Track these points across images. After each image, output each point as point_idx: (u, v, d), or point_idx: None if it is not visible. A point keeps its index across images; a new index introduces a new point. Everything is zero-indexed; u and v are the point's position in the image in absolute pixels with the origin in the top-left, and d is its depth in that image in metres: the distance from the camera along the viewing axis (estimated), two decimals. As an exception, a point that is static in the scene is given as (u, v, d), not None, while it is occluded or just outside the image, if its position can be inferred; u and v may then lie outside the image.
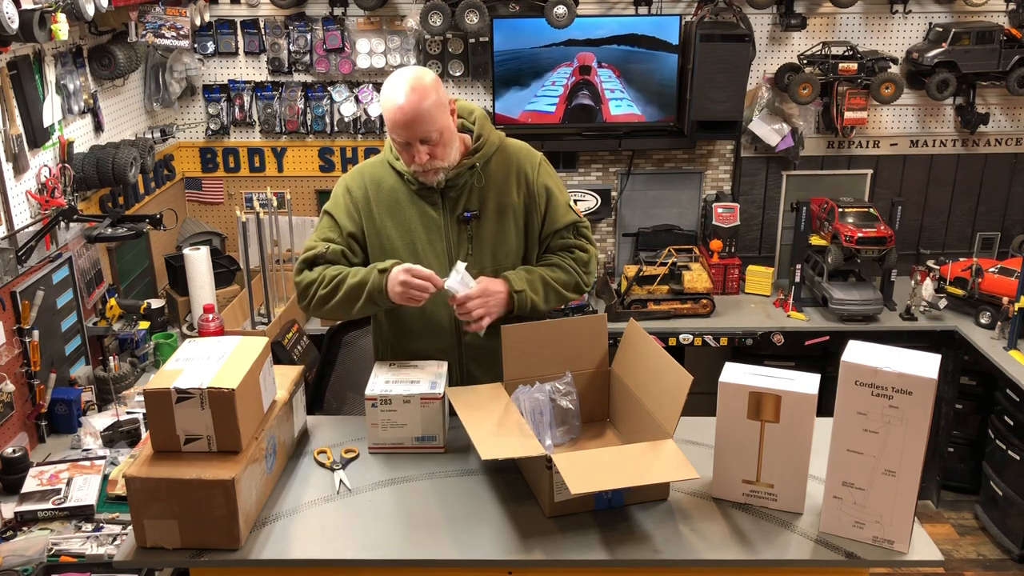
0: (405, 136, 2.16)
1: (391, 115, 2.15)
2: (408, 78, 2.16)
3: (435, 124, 2.16)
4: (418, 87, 2.14)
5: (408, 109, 2.12)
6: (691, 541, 1.80)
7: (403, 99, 2.12)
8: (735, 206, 4.22)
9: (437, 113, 2.16)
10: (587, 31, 3.98)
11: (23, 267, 2.82)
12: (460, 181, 2.29)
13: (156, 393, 1.77)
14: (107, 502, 2.50)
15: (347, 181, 2.38)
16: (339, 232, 2.33)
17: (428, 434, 2.10)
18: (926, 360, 1.69)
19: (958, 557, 3.78)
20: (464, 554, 1.79)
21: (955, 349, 3.87)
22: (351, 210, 2.34)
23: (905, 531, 1.75)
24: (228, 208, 4.32)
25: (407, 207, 2.32)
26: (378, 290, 2.20)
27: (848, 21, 4.14)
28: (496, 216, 2.32)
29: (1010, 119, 4.29)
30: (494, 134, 2.36)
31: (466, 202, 2.30)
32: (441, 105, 2.17)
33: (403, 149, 2.21)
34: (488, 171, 2.32)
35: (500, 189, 2.32)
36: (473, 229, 2.30)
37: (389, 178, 2.34)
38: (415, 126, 2.14)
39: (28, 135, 2.91)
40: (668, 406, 1.93)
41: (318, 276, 2.28)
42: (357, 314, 2.29)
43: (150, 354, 3.34)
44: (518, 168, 2.35)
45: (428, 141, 2.17)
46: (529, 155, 2.39)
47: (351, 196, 2.34)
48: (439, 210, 2.31)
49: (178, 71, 3.94)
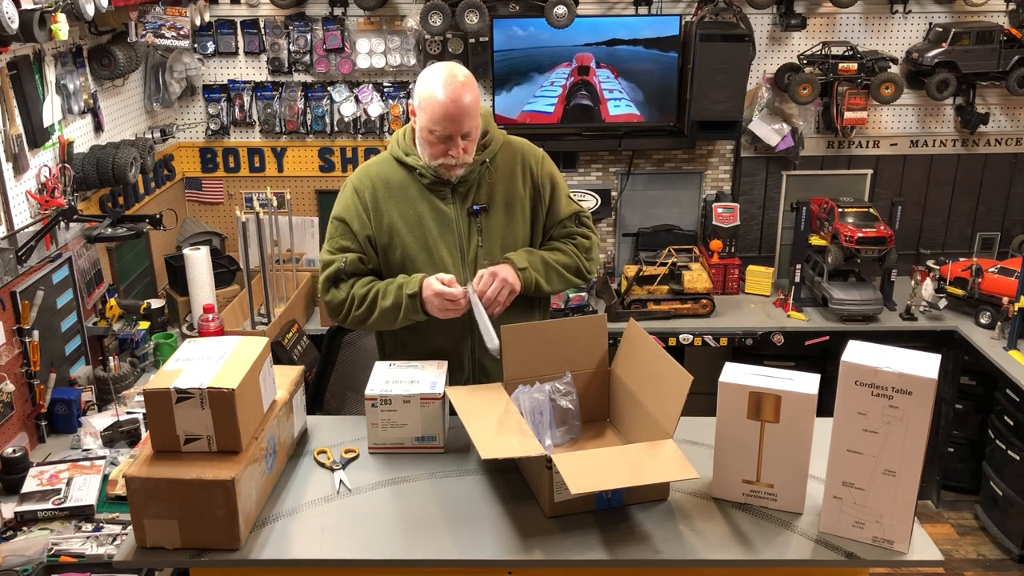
0: (451, 129, 2.20)
1: (442, 108, 2.18)
2: (458, 73, 2.21)
3: (476, 119, 2.24)
4: (468, 83, 2.21)
5: (463, 101, 2.18)
6: (691, 541, 1.80)
7: (458, 91, 2.18)
8: (735, 206, 4.22)
9: (478, 109, 2.25)
10: (587, 31, 3.98)
11: (23, 267, 2.82)
12: (470, 176, 2.33)
13: (156, 393, 1.77)
14: (107, 502, 2.50)
15: (353, 182, 2.39)
16: (352, 238, 2.35)
17: (428, 434, 2.10)
18: (926, 360, 1.69)
19: (958, 557, 3.78)
20: (464, 554, 1.79)
21: (955, 349, 3.87)
22: (361, 212, 2.35)
23: (905, 531, 1.75)
24: (228, 208, 4.32)
25: (418, 202, 2.34)
26: (415, 312, 2.26)
27: (848, 21, 4.14)
28: (504, 209, 2.36)
29: (1010, 119, 4.29)
30: (498, 131, 2.41)
31: (475, 196, 2.35)
32: (479, 101, 2.25)
33: (439, 142, 2.24)
34: (495, 165, 2.36)
35: (507, 183, 2.37)
36: (482, 222, 2.35)
37: (397, 174, 2.36)
38: (463, 120, 2.19)
39: (28, 135, 2.91)
40: (668, 406, 1.93)
41: (347, 296, 2.32)
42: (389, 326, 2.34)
43: (150, 354, 3.34)
44: (523, 161, 2.41)
45: (468, 136, 2.23)
46: (532, 149, 2.46)
47: (359, 197, 2.36)
48: (450, 204, 2.34)
49: (178, 71, 3.94)
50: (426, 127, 2.23)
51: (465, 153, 2.25)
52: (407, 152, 2.34)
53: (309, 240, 4.34)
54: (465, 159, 2.26)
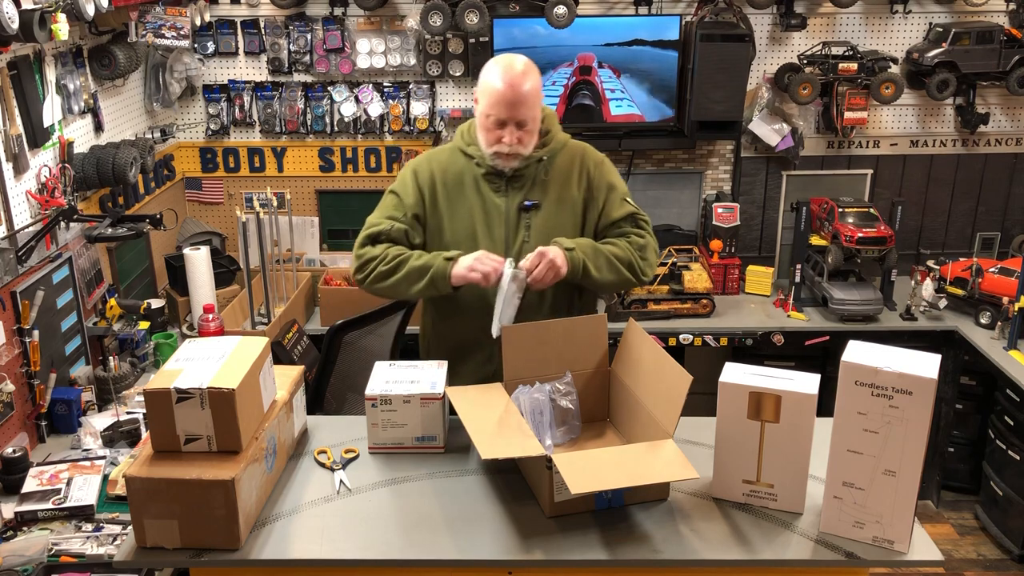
0: (506, 114, 2.22)
1: (499, 92, 2.21)
2: (520, 61, 2.25)
3: (533, 110, 2.25)
4: (529, 71, 2.24)
5: (519, 88, 2.20)
6: (691, 541, 1.80)
7: (515, 78, 2.21)
8: (735, 206, 4.22)
9: (536, 101, 2.26)
10: (587, 31, 3.98)
11: (23, 267, 2.82)
12: (526, 171, 2.35)
13: (156, 393, 1.77)
14: (107, 502, 2.50)
15: (414, 164, 2.44)
16: (403, 212, 2.38)
17: (428, 434, 2.10)
18: (926, 360, 1.69)
19: (958, 557, 3.78)
20: (464, 554, 1.79)
21: (955, 349, 3.87)
22: (415, 191, 2.39)
23: (905, 531, 1.75)
24: (228, 208, 4.32)
25: (471, 192, 2.37)
26: (441, 275, 2.25)
27: (848, 21, 4.14)
28: (555, 207, 2.38)
29: (1010, 119, 4.29)
30: (561, 133, 2.43)
31: (528, 192, 2.36)
32: (540, 94, 2.27)
33: (494, 127, 2.26)
34: (552, 165, 2.38)
35: (562, 183, 2.39)
36: (532, 218, 2.36)
37: (457, 164, 2.40)
38: (519, 106, 2.22)
39: (28, 135, 2.91)
40: (668, 406, 1.93)
41: (381, 253, 2.33)
42: (413, 295, 2.34)
43: (150, 354, 3.34)
44: (582, 163, 2.42)
45: (523, 125, 2.25)
46: (593, 153, 2.47)
47: (417, 178, 2.40)
48: (502, 196, 2.36)
49: (178, 71, 3.95)
50: (483, 112, 2.27)
51: (520, 143, 2.26)
52: (468, 143, 2.38)
53: (309, 240, 4.34)
54: (519, 149, 2.27)
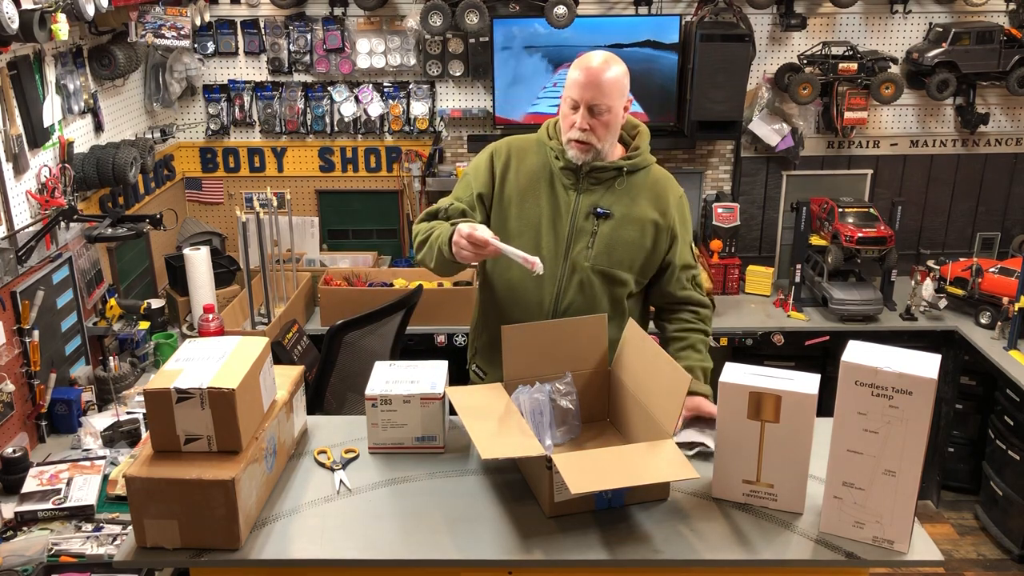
0: (579, 95, 2.21)
1: (577, 73, 2.21)
2: (603, 53, 2.26)
3: (609, 98, 2.21)
4: (613, 61, 2.23)
5: (596, 71, 2.19)
6: (691, 541, 1.80)
7: (596, 62, 2.21)
8: (735, 206, 4.22)
9: (615, 92, 2.22)
10: (587, 31, 3.98)
11: (23, 267, 2.82)
12: (603, 175, 2.31)
13: (156, 393, 1.77)
14: (107, 502, 2.50)
15: (494, 147, 2.42)
16: (469, 192, 2.37)
17: (428, 434, 2.10)
18: (926, 360, 1.69)
19: (958, 557, 3.78)
20: (464, 554, 1.79)
21: (955, 349, 3.87)
22: (486, 172, 2.37)
23: (905, 531, 1.75)
24: (228, 208, 4.32)
25: (543, 183, 2.34)
26: (443, 242, 2.19)
27: (848, 21, 4.14)
28: (626, 223, 2.32)
29: (1010, 119, 4.29)
30: (649, 155, 2.39)
31: (601, 197, 2.32)
32: (622, 89, 2.24)
33: (570, 111, 2.25)
34: (633, 181, 2.33)
35: (637, 201, 2.33)
36: (599, 225, 2.31)
37: (536, 154, 2.37)
38: (592, 89, 2.19)
39: (28, 135, 2.91)
40: (668, 406, 1.93)
41: (428, 227, 2.31)
42: (440, 269, 2.26)
43: (150, 354, 3.34)
44: (662, 190, 2.36)
45: (595, 112, 2.21)
46: (675, 185, 2.41)
47: (492, 159, 2.38)
48: (571, 194, 2.32)
49: (178, 71, 3.95)
50: (563, 97, 2.26)
51: (592, 132, 2.22)
52: (551, 135, 2.36)
53: (309, 240, 4.34)
54: (590, 137, 2.22)
